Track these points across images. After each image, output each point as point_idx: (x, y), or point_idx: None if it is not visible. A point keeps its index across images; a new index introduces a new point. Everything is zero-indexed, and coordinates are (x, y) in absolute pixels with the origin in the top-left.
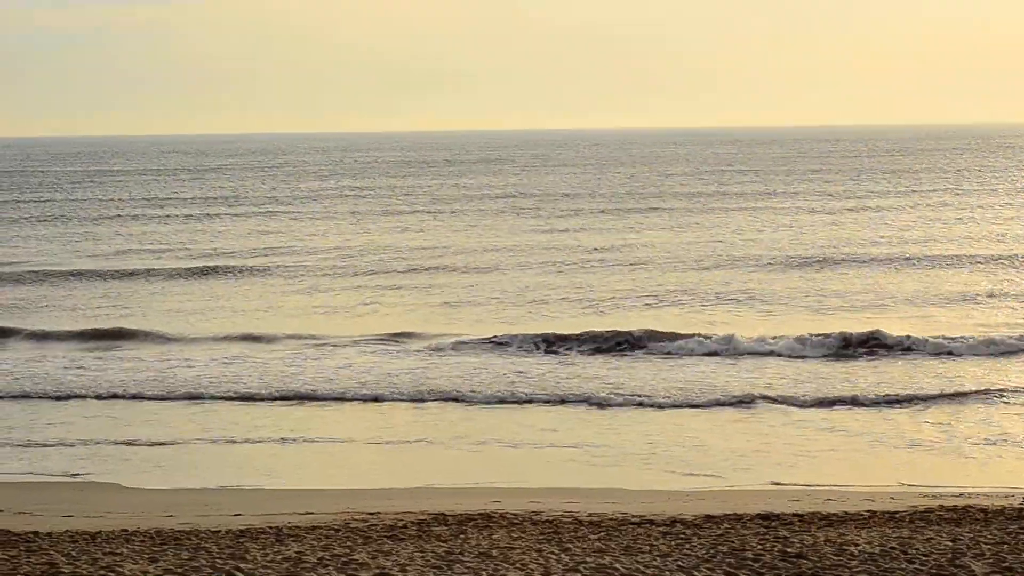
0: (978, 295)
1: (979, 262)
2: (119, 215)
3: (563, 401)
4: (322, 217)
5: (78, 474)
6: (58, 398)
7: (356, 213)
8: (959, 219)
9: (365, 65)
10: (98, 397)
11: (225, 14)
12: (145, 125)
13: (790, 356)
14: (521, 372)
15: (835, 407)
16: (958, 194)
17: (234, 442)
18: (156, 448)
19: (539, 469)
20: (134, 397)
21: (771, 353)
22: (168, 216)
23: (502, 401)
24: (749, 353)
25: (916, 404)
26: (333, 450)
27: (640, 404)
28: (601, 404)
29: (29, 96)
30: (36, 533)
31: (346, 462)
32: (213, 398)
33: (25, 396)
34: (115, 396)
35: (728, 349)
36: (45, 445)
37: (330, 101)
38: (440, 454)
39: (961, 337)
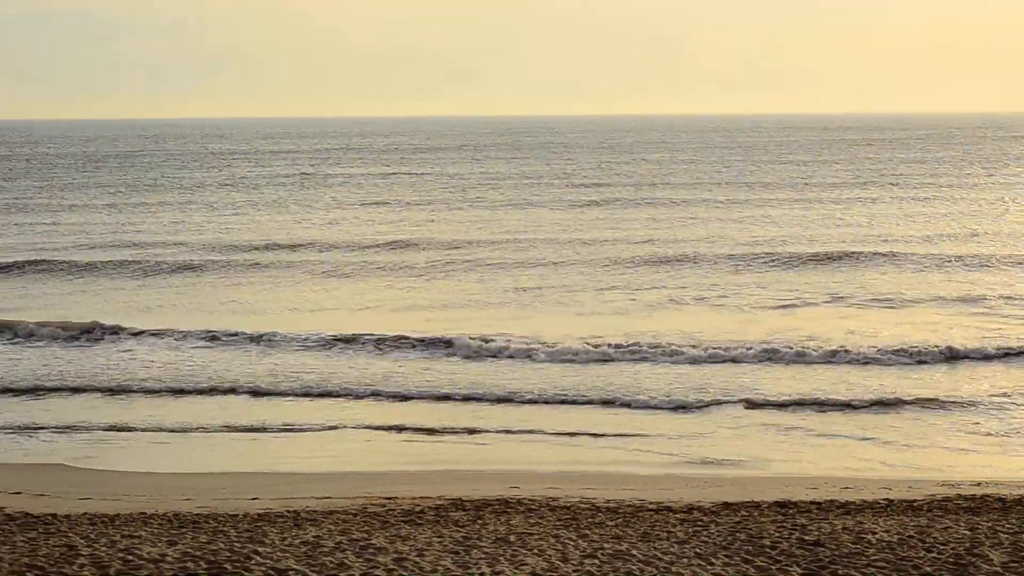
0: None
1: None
2: (115, 203)
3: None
4: (334, 207)
5: (92, 457)
6: (73, 390)
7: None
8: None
9: (379, 53)
10: (110, 391)
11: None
12: (156, 108)
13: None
14: (516, 377)
15: (825, 409)
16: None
17: (249, 429)
18: (172, 434)
19: (556, 455)
20: (143, 390)
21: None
22: (166, 203)
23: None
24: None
25: (910, 406)
26: (348, 437)
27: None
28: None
29: (45, 79)
30: (54, 515)
31: (362, 448)
32: (224, 392)
33: (39, 388)
34: (125, 391)
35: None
36: (55, 429)
37: (339, 87)
38: (456, 441)
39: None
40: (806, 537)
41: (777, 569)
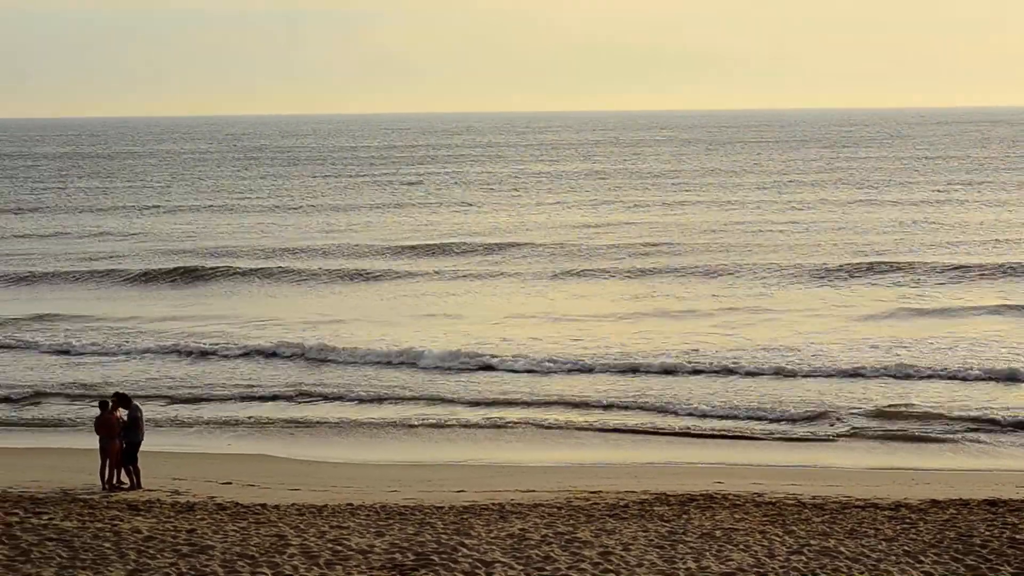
0: None
1: None
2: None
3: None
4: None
5: (301, 447)
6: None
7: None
8: None
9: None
10: (325, 398)
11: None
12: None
13: None
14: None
15: None
16: None
17: (450, 426)
18: (375, 428)
19: (758, 451)
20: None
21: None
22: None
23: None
24: None
25: None
26: (551, 433)
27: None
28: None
29: (205, 76)
30: (264, 505)
31: (565, 442)
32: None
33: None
34: (339, 398)
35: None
36: (261, 425)
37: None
38: (658, 435)
39: None
40: (1017, 536)
41: (987, 568)
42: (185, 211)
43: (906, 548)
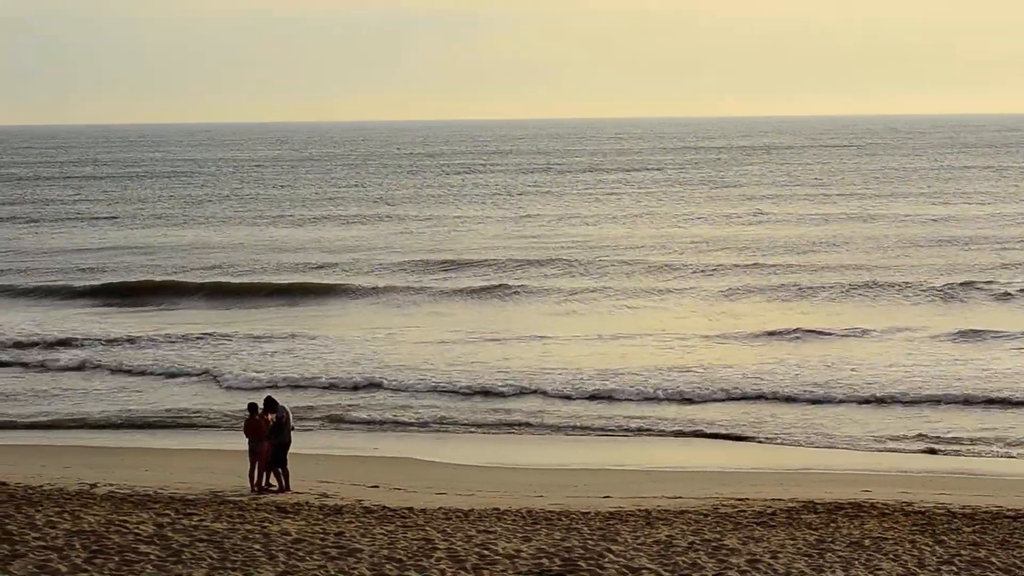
0: None
1: None
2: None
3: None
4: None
5: (446, 451)
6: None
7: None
8: None
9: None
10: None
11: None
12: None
13: None
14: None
15: None
16: None
17: (593, 431)
18: (519, 434)
19: (904, 459)
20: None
21: None
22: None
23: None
24: None
25: None
26: (694, 441)
27: None
28: None
29: (322, 80)
30: (411, 509)
31: (708, 448)
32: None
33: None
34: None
35: None
36: (409, 431)
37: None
38: (801, 447)
39: None
40: None
41: None
42: (353, 221)
43: None
